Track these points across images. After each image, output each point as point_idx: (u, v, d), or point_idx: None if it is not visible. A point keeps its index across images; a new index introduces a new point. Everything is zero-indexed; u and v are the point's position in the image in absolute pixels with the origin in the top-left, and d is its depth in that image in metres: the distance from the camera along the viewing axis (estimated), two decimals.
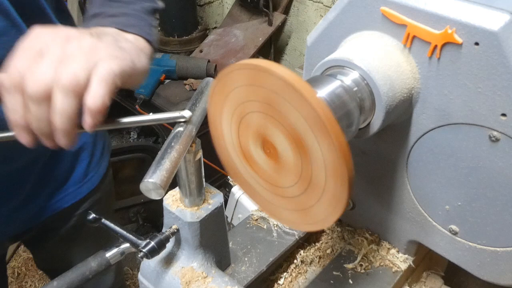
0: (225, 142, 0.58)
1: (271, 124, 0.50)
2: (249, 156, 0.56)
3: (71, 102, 0.51)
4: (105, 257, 0.65)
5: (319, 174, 0.48)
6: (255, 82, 0.48)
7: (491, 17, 0.54)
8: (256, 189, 0.58)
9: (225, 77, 0.51)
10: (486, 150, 0.61)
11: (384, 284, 0.80)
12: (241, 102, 0.51)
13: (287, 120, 0.48)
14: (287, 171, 0.52)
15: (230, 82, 0.51)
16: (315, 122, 0.45)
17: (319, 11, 2.69)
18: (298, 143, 0.48)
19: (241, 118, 0.53)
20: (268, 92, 0.48)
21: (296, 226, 0.60)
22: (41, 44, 0.53)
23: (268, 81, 0.47)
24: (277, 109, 0.48)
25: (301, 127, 0.47)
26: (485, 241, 0.68)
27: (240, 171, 0.59)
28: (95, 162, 1.02)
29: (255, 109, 0.50)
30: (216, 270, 0.71)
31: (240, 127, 0.54)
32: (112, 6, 0.68)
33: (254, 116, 0.51)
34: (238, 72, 0.49)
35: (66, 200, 0.98)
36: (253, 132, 0.53)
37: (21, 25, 0.71)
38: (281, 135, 0.50)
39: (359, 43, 0.64)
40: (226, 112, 0.54)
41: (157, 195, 0.51)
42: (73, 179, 0.98)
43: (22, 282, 2.17)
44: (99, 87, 0.51)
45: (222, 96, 0.53)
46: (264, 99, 0.49)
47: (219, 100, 0.54)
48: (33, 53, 0.52)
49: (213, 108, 0.56)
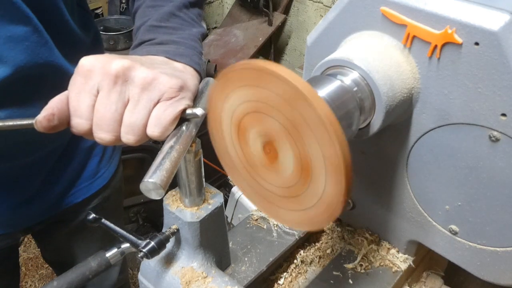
0: (225, 141, 0.58)
1: (271, 124, 0.50)
2: (249, 156, 0.56)
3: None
4: (105, 257, 0.65)
5: (319, 175, 0.48)
6: (258, 84, 0.48)
7: (491, 17, 0.54)
8: (256, 189, 0.58)
9: (225, 77, 0.51)
10: (486, 150, 0.61)
11: (384, 284, 0.80)
12: (242, 102, 0.51)
13: (289, 121, 0.48)
14: (286, 171, 0.52)
15: (231, 82, 0.51)
16: (318, 126, 0.45)
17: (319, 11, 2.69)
18: (298, 142, 0.48)
19: (241, 118, 0.53)
20: (270, 94, 0.47)
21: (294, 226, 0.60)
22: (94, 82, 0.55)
23: (271, 84, 0.46)
24: (279, 111, 0.48)
25: (302, 128, 0.47)
26: (485, 241, 0.68)
27: (240, 170, 0.59)
28: (107, 159, 1.03)
29: (256, 110, 0.50)
30: (216, 270, 0.71)
31: (240, 127, 0.54)
32: (160, 32, 0.67)
33: (254, 116, 0.51)
34: (239, 72, 0.49)
35: (77, 195, 1.00)
36: (253, 132, 0.53)
37: (42, 31, 0.71)
38: (282, 136, 0.50)
39: (359, 43, 0.64)
40: (226, 112, 0.54)
41: (157, 195, 0.51)
42: (85, 174, 1.00)
43: (22, 282, 2.17)
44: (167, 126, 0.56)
45: (223, 95, 0.53)
46: (265, 100, 0.49)
47: (220, 100, 0.54)
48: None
49: (213, 107, 0.56)
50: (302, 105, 0.45)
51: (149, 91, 0.55)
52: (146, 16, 0.70)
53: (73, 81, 0.55)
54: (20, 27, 0.68)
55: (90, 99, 0.54)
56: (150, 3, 0.71)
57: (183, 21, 0.71)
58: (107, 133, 0.55)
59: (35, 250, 2.31)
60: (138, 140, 0.56)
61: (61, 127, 0.56)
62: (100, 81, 0.54)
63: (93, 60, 0.54)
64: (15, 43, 0.68)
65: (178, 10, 0.71)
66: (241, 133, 0.54)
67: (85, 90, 0.54)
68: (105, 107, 0.54)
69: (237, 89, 0.50)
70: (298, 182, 0.51)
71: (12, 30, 0.67)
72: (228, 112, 0.54)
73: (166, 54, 0.63)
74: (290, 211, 0.55)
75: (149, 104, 0.55)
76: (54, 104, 0.55)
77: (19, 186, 0.89)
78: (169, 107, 0.55)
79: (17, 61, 0.69)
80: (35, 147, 0.85)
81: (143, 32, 0.68)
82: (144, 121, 0.55)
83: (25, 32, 0.69)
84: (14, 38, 0.68)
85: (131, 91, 0.55)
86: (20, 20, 0.68)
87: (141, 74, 0.54)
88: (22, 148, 0.82)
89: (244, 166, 0.57)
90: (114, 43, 2.42)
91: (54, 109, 0.54)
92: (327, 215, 0.51)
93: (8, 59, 0.68)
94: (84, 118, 0.55)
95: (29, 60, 0.71)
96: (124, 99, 0.54)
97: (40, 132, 0.55)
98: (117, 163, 1.08)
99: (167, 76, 0.56)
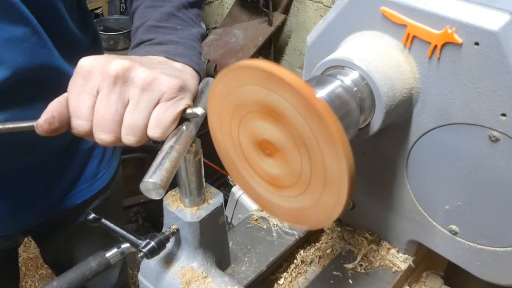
0: (225, 142, 0.58)
1: (272, 124, 0.50)
2: (249, 155, 0.56)
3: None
4: (105, 257, 0.65)
5: (318, 178, 0.48)
6: (267, 86, 0.47)
7: (491, 17, 0.54)
8: (256, 188, 0.58)
9: (225, 77, 0.51)
10: (486, 150, 0.61)
11: (384, 284, 0.80)
12: (242, 101, 0.51)
13: (290, 123, 0.48)
14: (286, 171, 0.52)
15: (231, 82, 0.51)
16: (324, 136, 0.45)
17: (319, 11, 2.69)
18: (299, 146, 0.48)
19: (242, 118, 0.53)
20: (272, 94, 0.47)
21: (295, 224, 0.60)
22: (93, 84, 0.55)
23: (282, 90, 0.46)
24: (280, 112, 0.48)
25: (303, 131, 0.47)
26: (485, 241, 0.68)
27: (240, 169, 0.59)
28: (106, 160, 1.03)
29: (256, 109, 0.50)
30: (216, 270, 0.71)
31: (240, 126, 0.54)
32: (159, 32, 0.67)
33: (255, 116, 0.51)
34: (239, 72, 0.49)
35: (77, 197, 0.99)
36: (254, 132, 0.53)
37: (41, 32, 0.71)
38: (282, 136, 0.50)
39: (359, 43, 0.64)
40: (226, 111, 0.54)
41: (157, 195, 0.51)
42: (85, 176, 0.99)
43: (22, 282, 2.17)
44: (167, 127, 0.56)
45: (223, 95, 0.53)
46: (267, 100, 0.48)
47: (220, 99, 0.54)
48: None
49: (213, 107, 0.56)
50: (314, 119, 0.45)
51: (149, 91, 0.55)
52: (145, 17, 0.70)
53: (73, 82, 0.55)
54: (19, 28, 0.68)
55: (90, 100, 0.54)
56: (149, 4, 0.71)
57: (182, 21, 0.71)
58: (107, 134, 0.55)
59: (35, 250, 2.31)
60: (139, 140, 0.56)
61: (62, 129, 0.55)
62: (100, 82, 0.54)
63: (92, 60, 0.54)
64: (14, 44, 0.68)
65: (177, 10, 0.71)
66: (241, 132, 0.54)
67: (84, 91, 0.54)
68: (105, 108, 0.54)
69: (241, 87, 0.50)
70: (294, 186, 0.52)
71: (11, 31, 0.67)
72: (229, 111, 0.54)
73: (166, 54, 0.63)
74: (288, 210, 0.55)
75: (150, 105, 0.55)
76: (54, 107, 0.55)
77: (19, 189, 0.89)
78: (170, 108, 0.55)
79: (16, 62, 0.69)
80: (35, 150, 0.85)
81: (142, 32, 0.68)
82: (144, 122, 0.55)
83: (24, 33, 0.68)
84: (13, 39, 0.68)
85: (131, 91, 0.54)
86: (19, 21, 0.67)
87: (141, 75, 0.54)
88: (22, 150, 0.82)
89: (244, 165, 0.57)
90: (114, 43, 2.41)
91: (54, 112, 0.54)
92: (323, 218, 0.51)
93: (7, 61, 0.68)
94: (84, 119, 0.55)
95: (28, 62, 0.70)
96: (124, 99, 0.54)
97: (42, 135, 0.55)
98: (117, 165, 1.08)
99: (167, 76, 0.56)
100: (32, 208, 0.93)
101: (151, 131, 0.55)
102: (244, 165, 0.57)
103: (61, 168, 0.94)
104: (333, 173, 0.46)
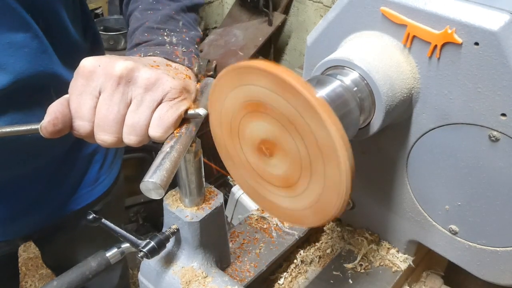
0: (225, 141, 0.58)
1: (261, 119, 0.50)
2: (249, 154, 0.56)
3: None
4: (105, 257, 0.65)
5: (316, 156, 0.48)
6: (242, 82, 0.48)
7: (491, 17, 0.54)
8: (256, 188, 0.58)
9: (225, 76, 0.51)
10: (486, 150, 0.61)
11: (384, 284, 0.80)
12: (242, 101, 0.51)
13: (274, 108, 0.47)
14: (289, 163, 0.52)
15: (232, 82, 0.51)
16: (304, 106, 0.45)
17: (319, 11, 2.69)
18: (289, 128, 0.48)
19: (242, 117, 0.53)
20: (252, 88, 0.47)
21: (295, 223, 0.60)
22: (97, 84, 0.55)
23: (250, 77, 0.46)
24: (263, 102, 0.48)
25: (286, 111, 0.47)
26: (485, 241, 0.68)
27: (240, 169, 0.59)
28: (107, 166, 1.03)
29: (244, 112, 0.51)
30: (216, 270, 0.71)
31: (241, 126, 0.54)
32: (158, 34, 0.67)
33: (246, 120, 0.51)
34: (246, 71, 0.49)
35: (78, 202, 0.99)
36: (250, 138, 0.53)
37: (42, 37, 0.71)
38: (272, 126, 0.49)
39: (359, 43, 0.64)
40: (226, 111, 0.54)
41: (157, 195, 0.51)
42: (86, 181, 0.99)
43: (22, 282, 2.17)
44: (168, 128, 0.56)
45: (223, 95, 0.53)
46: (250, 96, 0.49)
47: (220, 99, 0.54)
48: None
49: (213, 106, 0.56)
50: (289, 93, 0.45)
51: (152, 91, 0.55)
52: (143, 19, 0.70)
53: (74, 82, 0.55)
54: (20, 33, 0.68)
55: (92, 100, 0.54)
56: (147, 7, 0.71)
57: (181, 24, 0.71)
58: (109, 134, 0.55)
59: (35, 250, 2.31)
60: (140, 140, 0.56)
61: (66, 130, 0.55)
62: (102, 82, 0.54)
63: (94, 61, 0.54)
64: (14, 50, 0.68)
65: (175, 13, 0.71)
66: (241, 132, 0.54)
67: (86, 92, 0.54)
68: (108, 108, 0.54)
69: (243, 86, 0.50)
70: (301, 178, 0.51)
71: (12, 36, 0.67)
72: (231, 109, 0.54)
73: (165, 55, 0.63)
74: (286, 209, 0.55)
75: (152, 105, 0.55)
76: (56, 108, 0.54)
77: (20, 194, 0.88)
78: (172, 108, 0.55)
79: (17, 68, 0.69)
80: (36, 156, 0.84)
81: (140, 33, 0.68)
82: (146, 122, 0.55)
83: (24, 39, 0.68)
84: (14, 44, 0.67)
85: (134, 91, 0.54)
86: (20, 26, 0.67)
87: (144, 75, 0.54)
88: (23, 157, 0.82)
89: (243, 164, 0.57)
90: (114, 43, 2.42)
91: (57, 113, 0.54)
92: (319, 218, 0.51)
93: (8, 66, 0.68)
94: (85, 120, 0.55)
95: (28, 68, 0.70)
96: (126, 100, 0.54)
97: (46, 137, 0.55)
98: (118, 170, 1.08)
99: (169, 77, 0.56)
100: (33, 213, 0.92)
101: (153, 130, 0.55)
102: (245, 163, 0.57)
103: (62, 173, 0.94)
104: (326, 143, 0.45)
